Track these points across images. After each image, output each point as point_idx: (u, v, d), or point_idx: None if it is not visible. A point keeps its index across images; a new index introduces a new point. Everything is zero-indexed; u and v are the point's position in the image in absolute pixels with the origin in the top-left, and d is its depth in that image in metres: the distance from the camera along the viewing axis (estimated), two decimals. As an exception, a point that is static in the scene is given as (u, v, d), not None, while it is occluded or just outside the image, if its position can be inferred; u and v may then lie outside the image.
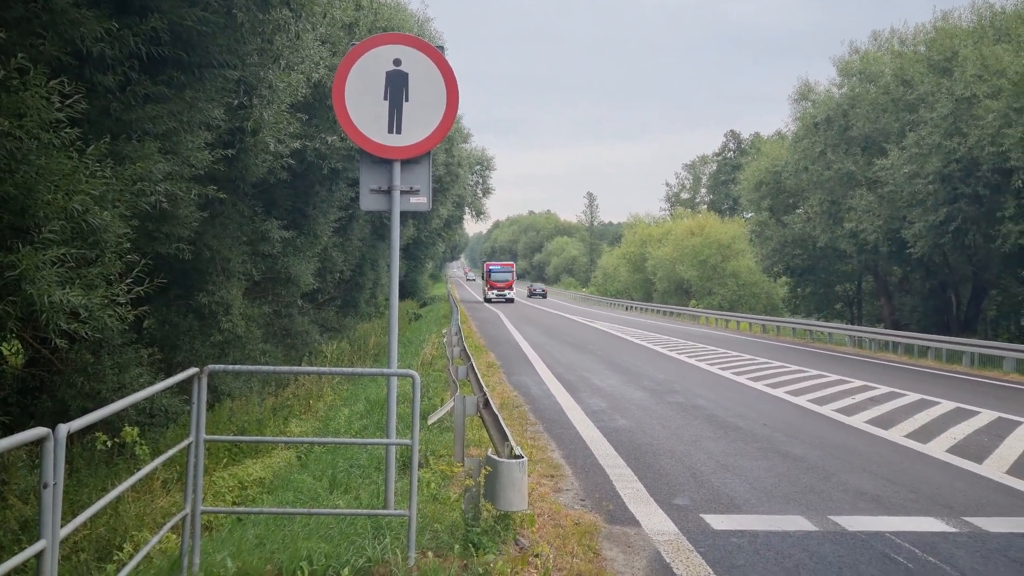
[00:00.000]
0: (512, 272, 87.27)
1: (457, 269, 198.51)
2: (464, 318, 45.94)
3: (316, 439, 12.78)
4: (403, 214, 33.72)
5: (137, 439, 9.18)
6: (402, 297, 56.74)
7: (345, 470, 10.50)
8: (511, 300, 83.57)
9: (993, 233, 29.40)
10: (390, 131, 7.31)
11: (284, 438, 11.01)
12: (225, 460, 13.39)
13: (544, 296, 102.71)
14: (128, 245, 10.34)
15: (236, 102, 15.68)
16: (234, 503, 11.19)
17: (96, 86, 10.66)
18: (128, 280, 10.15)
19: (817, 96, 43.08)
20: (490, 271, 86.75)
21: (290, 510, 7.81)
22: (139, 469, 11.14)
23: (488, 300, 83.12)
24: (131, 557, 8.41)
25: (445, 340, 22.11)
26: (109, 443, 9.14)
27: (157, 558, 7.59)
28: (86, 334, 9.60)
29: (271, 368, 6.35)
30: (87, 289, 9.49)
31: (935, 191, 30.78)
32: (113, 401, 12.29)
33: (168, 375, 14.26)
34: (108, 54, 10.51)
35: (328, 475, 10.68)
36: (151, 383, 12.88)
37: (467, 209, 70.95)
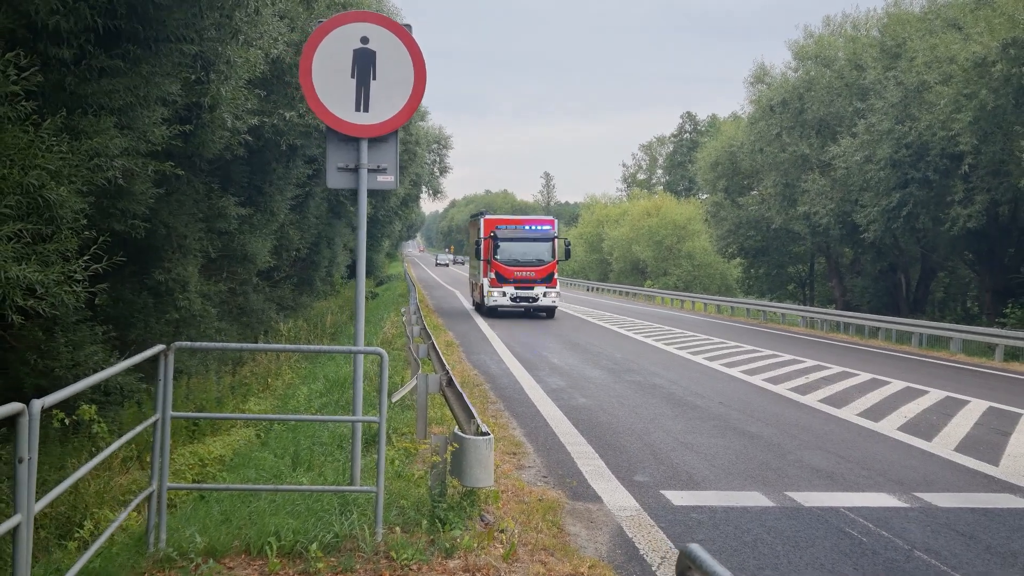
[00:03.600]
0: (552, 243, 34.72)
1: (413, 248, 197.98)
2: (420, 296, 45.85)
3: (283, 416, 12.77)
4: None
5: (95, 417, 9.10)
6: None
7: (308, 448, 10.50)
8: (551, 309, 34.92)
9: (943, 217, 29.97)
10: (357, 109, 7.30)
11: (253, 415, 11.01)
12: (184, 438, 13.32)
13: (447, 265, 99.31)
14: (85, 222, 10.21)
15: (193, 77, 15.47)
16: (194, 481, 11.15)
17: (51, 59, 10.48)
18: (85, 257, 10.03)
19: (773, 79, 43.48)
20: (497, 240, 34.36)
21: (257, 487, 7.82)
22: (96, 447, 11.08)
23: (490, 309, 34.67)
24: (91, 534, 8.38)
25: (404, 319, 22.09)
26: (67, 421, 9.06)
27: (119, 535, 7.56)
28: (43, 311, 9.49)
29: (239, 345, 6.34)
30: (44, 266, 9.37)
31: (886, 177, 31.28)
32: (67, 379, 12.14)
33: (123, 353, 14.11)
34: (63, 26, 10.33)
35: (290, 452, 10.68)
36: (106, 361, 12.77)
37: (424, 188, 70.59)
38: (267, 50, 18.89)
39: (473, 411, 8.27)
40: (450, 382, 10.35)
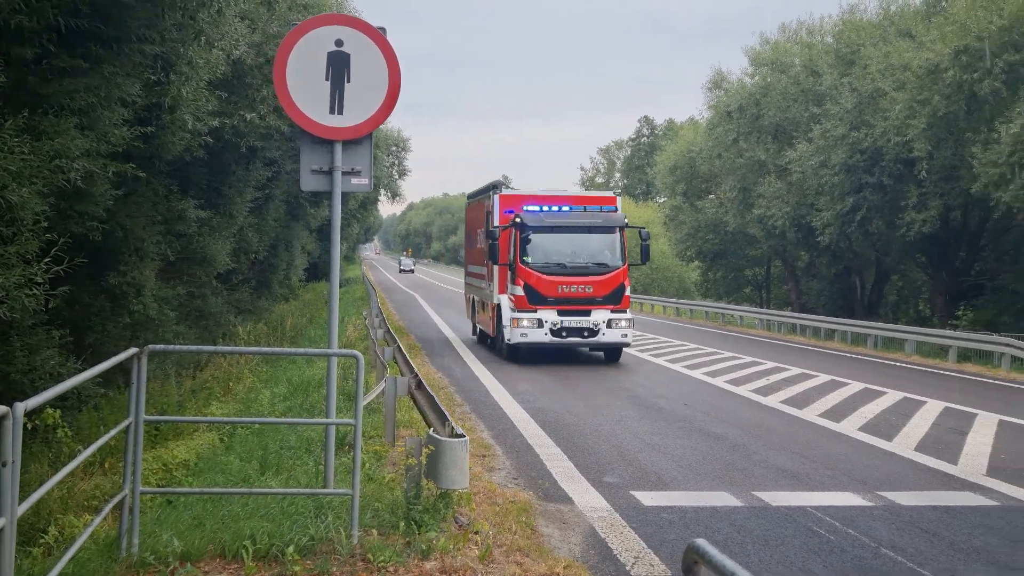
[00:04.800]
0: (620, 235, 20.63)
1: (370, 251, 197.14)
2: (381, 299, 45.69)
3: (258, 419, 12.64)
4: (317, 194, 33.35)
5: (59, 422, 8.97)
6: (317, 278, 56.14)
7: (275, 451, 10.43)
8: (617, 348, 20.93)
9: (897, 221, 30.50)
10: (331, 112, 7.28)
11: (229, 419, 10.92)
12: (145, 442, 13.12)
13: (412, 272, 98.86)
14: (46, 224, 10.08)
15: (154, 78, 15.30)
16: (159, 485, 11.01)
17: (13, 59, 10.32)
18: (46, 260, 9.89)
19: (730, 85, 43.93)
20: (527, 231, 20.31)
21: (232, 490, 7.76)
22: (55, 451, 10.92)
23: (513, 348, 20.44)
24: (56, 540, 8.25)
25: (367, 322, 22.02)
26: (30, 425, 8.92)
27: (87, 541, 7.45)
28: (3, 315, 9.35)
29: (213, 348, 6.33)
30: (4, 268, 9.23)
31: (841, 181, 31.79)
32: (24, 384, 11.93)
33: (79, 357, 13.91)
34: (26, 25, 10.18)
35: (257, 456, 10.58)
36: (62, 365, 12.57)
37: (383, 190, 70.34)
38: (229, 51, 18.73)
39: (446, 413, 8.28)
40: (419, 384, 10.36)
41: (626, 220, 20.76)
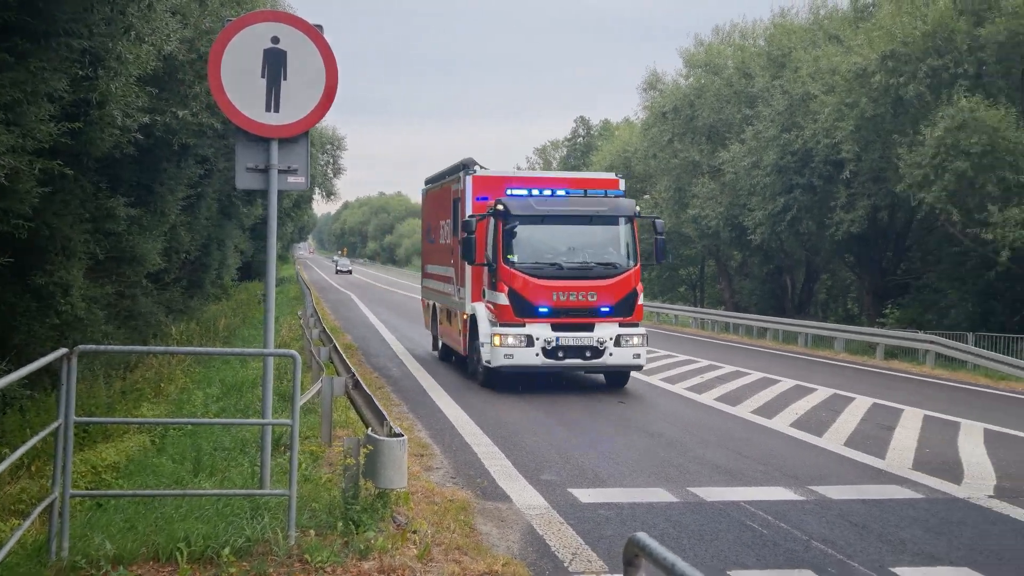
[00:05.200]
0: (629, 228, 16.83)
1: (304, 250, 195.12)
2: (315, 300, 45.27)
3: (194, 420, 12.41)
4: (251, 192, 32.93)
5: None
6: (250, 278, 55.37)
7: (209, 453, 10.27)
8: (625, 372, 17.02)
9: (827, 221, 31.15)
10: (268, 109, 7.21)
11: (161, 419, 10.73)
12: (73, 445, 12.83)
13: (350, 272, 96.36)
14: (-29, 222, 9.81)
15: (82, 73, 14.98)
16: (88, 488, 10.78)
17: (-64, 51, 10.03)
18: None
19: (665, 86, 44.44)
20: (511, 221, 15.97)
21: (166, 492, 7.64)
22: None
23: (490, 373, 16.23)
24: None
25: (302, 322, 21.80)
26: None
27: (15, 545, 7.27)
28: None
29: (146, 348, 6.24)
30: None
31: (772, 182, 32.38)
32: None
33: (3, 358, 13.56)
34: (-50, 17, 9.90)
35: (190, 458, 10.41)
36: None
37: (317, 189, 69.65)
38: (159, 47, 18.37)
39: (384, 413, 8.26)
40: (356, 384, 10.30)
41: (637, 208, 17.05)
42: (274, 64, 7.20)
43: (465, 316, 17.11)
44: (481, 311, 16.33)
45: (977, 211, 25.32)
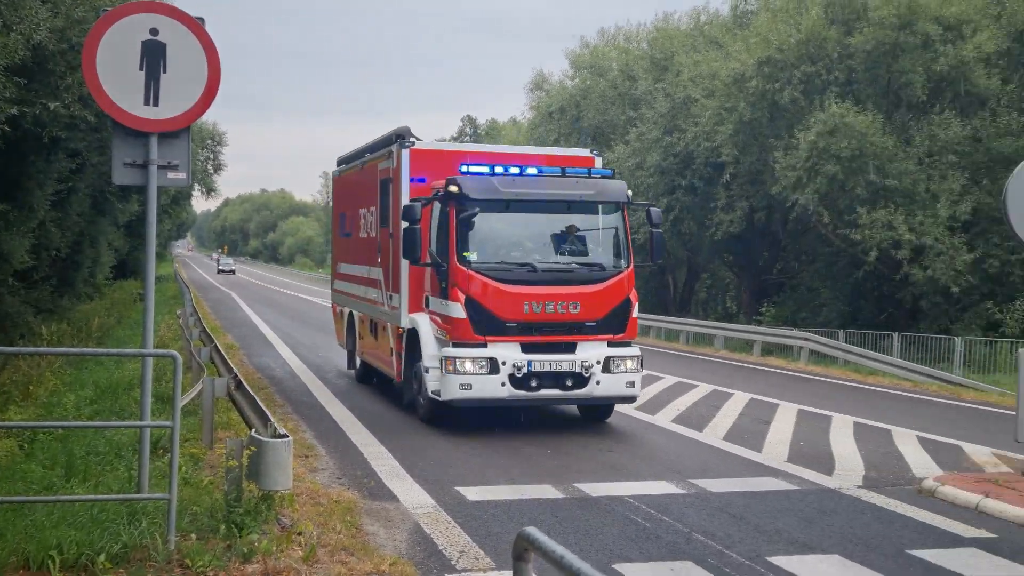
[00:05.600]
0: (619, 218, 13.24)
1: (182, 248, 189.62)
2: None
3: (64, 423, 11.90)
4: (127, 188, 31.85)
5: None
6: (125, 276, 53.52)
7: (82, 457, 9.90)
8: (609, 404, 13.32)
9: (707, 222, 32.04)
10: (146, 103, 6.98)
11: (29, 423, 10.29)
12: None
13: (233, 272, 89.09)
14: None
15: (-58, 62, 14.26)
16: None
17: None
18: None
19: (551, 86, 44.93)
20: (465, 209, 12.25)
21: (35, 498, 7.32)
22: None
23: (437, 407, 12.59)
24: None
25: (181, 321, 21.21)
26: None
27: None
28: None
29: (15, 349, 5.96)
30: None
31: (655, 183, 33.13)
32: None
33: None
34: None
35: (61, 463, 10.01)
36: None
37: (197, 185, 67.79)
38: (28, 35, 17.64)
39: (268, 413, 8.12)
40: (239, 385, 10.09)
41: (629, 193, 13.25)
42: (153, 57, 6.99)
43: (400, 330, 13.51)
44: (425, 325, 12.77)
45: (847, 213, 26.48)
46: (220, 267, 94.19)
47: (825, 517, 8.56)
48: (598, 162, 14.22)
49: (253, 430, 7.99)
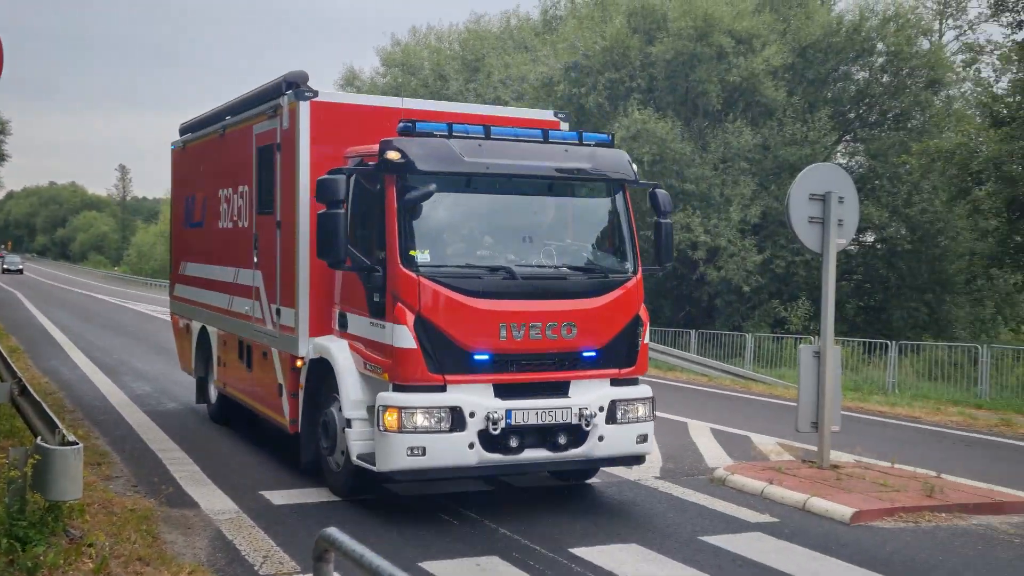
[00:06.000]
0: (623, 202, 9.05)
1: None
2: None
3: None
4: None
5: None
6: None
7: None
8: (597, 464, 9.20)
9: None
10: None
11: None
12: None
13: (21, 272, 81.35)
14: None
15: None
16: None
17: None
18: None
19: (363, 83, 44.52)
20: (408, 190, 8.14)
21: None
22: None
23: (357, 481, 8.60)
24: None
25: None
26: None
27: None
28: None
29: None
30: None
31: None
32: None
33: None
34: None
35: None
36: None
37: (-24, 176, 62.98)
38: None
39: (56, 420, 7.65)
40: (24, 390, 9.46)
41: (632, 171, 9.14)
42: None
43: (297, 361, 9.47)
44: (343, 357, 8.71)
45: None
46: (5, 265, 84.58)
47: (625, 508, 8.90)
48: (565, 126, 10.52)
49: (39, 438, 7.51)
